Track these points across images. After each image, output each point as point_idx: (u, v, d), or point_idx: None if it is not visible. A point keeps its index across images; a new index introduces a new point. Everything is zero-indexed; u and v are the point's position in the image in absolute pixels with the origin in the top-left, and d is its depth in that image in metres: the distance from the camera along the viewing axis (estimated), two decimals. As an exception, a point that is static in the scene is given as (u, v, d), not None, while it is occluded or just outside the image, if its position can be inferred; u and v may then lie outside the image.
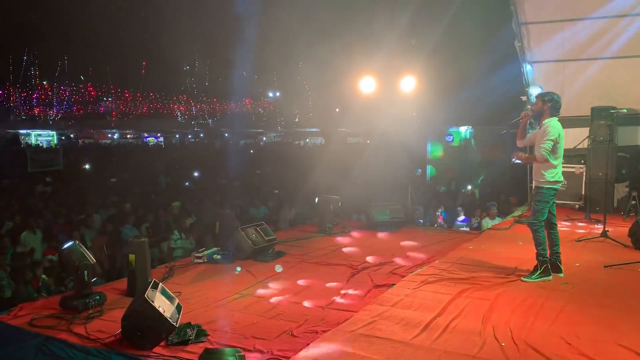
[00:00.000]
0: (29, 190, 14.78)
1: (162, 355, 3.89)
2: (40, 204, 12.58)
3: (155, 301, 4.10)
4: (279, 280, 5.92)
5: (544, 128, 5.53)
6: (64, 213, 11.43)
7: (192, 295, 5.32)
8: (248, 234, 6.94)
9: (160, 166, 20.23)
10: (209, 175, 19.03)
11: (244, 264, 6.59)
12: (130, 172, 19.72)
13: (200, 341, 4.11)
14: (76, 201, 12.71)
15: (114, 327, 4.33)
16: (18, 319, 4.70)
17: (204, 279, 6.04)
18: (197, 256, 6.74)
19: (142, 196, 13.99)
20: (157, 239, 9.78)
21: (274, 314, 4.81)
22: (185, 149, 40.08)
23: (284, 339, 4.21)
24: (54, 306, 4.93)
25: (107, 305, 4.99)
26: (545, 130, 5.51)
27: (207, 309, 4.96)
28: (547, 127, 5.51)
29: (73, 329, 4.41)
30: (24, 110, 70.27)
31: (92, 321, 4.60)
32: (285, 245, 7.61)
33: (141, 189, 15.46)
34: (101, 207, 11.98)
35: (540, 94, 5.98)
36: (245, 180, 17.63)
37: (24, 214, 10.80)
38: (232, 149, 38.00)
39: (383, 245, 7.70)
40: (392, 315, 4.56)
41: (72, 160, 23.34)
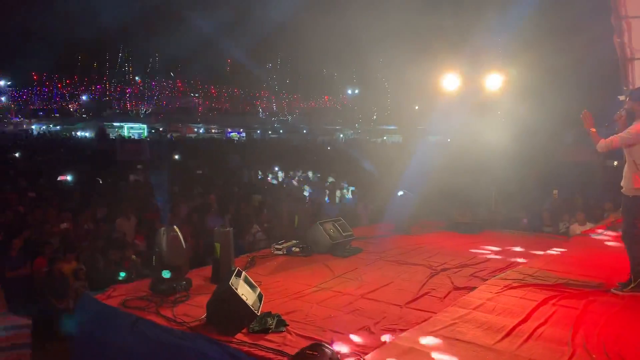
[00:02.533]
0: (122, 179, 15.76)
1: (244, 342, 4.01)
2: (132, 192, 13.37)
3: (239, 289, 4.24)
4: (357, 276, 5.92)
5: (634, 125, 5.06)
6: (153, 202, 12.07)
7: (272, 286, 5.45)
8: (326, 228, 7.01)
9: (243, 160, 20.85)
10: (288, 170, 19.41)
11: (322, 258, 6.67)
12: (214, 165, 20.49)
13: (280, 331, 4.20)
14: (165, 191, 13.36)
15: (199, 312, 4.52)
16: (112, 299, 5.02)
17: (283, 270, 6.17)
18: (277, 248, 6.90)
19: (224, 189, 14.48)
20: (238, 230, 10.10)
21: (351, 309, 4.83)
22: (266, 144, 41.04)
23: (362, 334, 4.20)
24: (144, 289, 5.23)
25: (193, 290, 5.22)
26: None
27: (287, 299, 5.06)
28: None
29: (161, 311, 4.64)
30: (118, 104, 74.99)
31: (179, 305, 4.82)
32: (362, 242, 7.61)
33: (224, 181, 16.02)
34: (187, 198, 12.52)
35: (631, 92, 5.51)
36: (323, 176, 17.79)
37: (117, 202, 11.52)
38: (310, 145, 38.47)
39: (464, 247, 7.49)
40: (473, 318, 4.43)
41: (161, 152, 24.56)
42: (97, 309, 4.87)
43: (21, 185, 14.03)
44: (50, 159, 22.25)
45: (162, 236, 5.06)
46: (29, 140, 38.79)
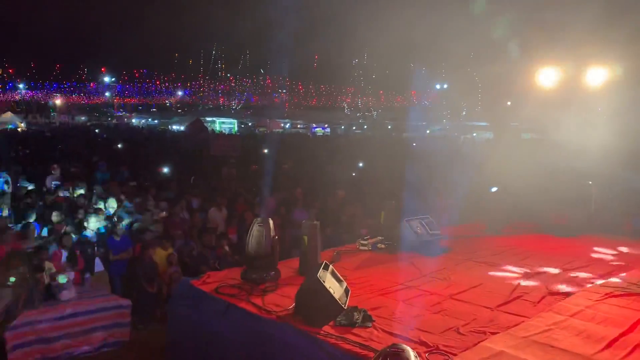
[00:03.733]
0: (215, 172, 16.47)
1: (330, 335, 4.07)
2: (225, 185, 13.94)
3: (327, 282, 4.31)
4: (445, 276, 5.80)
5: None
6: (243, 194, 12.50)
7: (357, 281, 5.47)
8: (413, 226, 6.92)
9: (327, 155, 21.04)
10: (372, 166, 19.31)
11: (408, 256, 6.59)
12: (300, 159, 20.84)
13: (367, 326, 4.21)
14: (254, 184, 13.79)
15: (287, 302, 4.65)
16: (206, 285, 5.28)
17: (368, 266, 6.18)
18: (362, 243, 6.92)
19: (310, 183, 14.69)
20: (323, 223, 10.22)
21: (439, 309, 4.75)
22: (350, 140, 41.15)
23: (450, 335, 4.12)
24: (235, 277, 5.45)
25: (281, 281, 5.37)
26: None
27: (372, 295, 5.07)
28: None
29: (252, 299, 4.82)
30: (211, 100, 78.31)
31: (268, 294, 4.98)
32: (450, 241, 7.42)
33: (309, 176, 16.25)
34: (275, 191, 12.84)
35: None
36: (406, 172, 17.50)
37: (211, 193, 12.06)
38: (395, 141, 38.06)
39: (560, 251, 7.10)
40: (570, 325, 4.21)
41: (251, 147, 25.34)
42: (193, 294, 5.14)
43: (124, 175, 15.06)
44: (149, 150, 23.67)
45: (256, 227, 5.24)
46: (134, 132, 41.58)
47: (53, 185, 12.85)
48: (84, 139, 31.84)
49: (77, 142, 27.81)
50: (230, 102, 76.50)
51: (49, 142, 28.42)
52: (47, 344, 7.02)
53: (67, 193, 11.84)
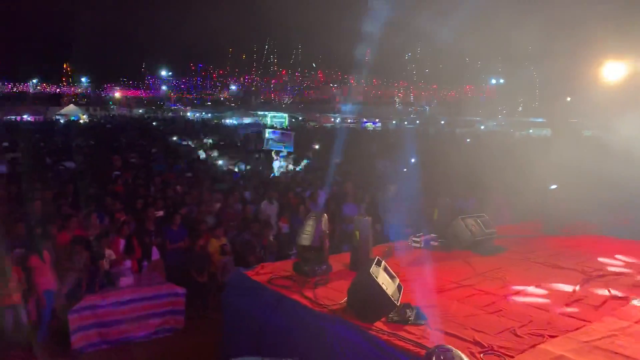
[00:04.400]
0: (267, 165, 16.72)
1: (382, 331, 4.04)
2: (276, 178, 14.10)
3: (379, 278, 4.27)
4: (500, 275, 5.65)
5: None
6: (294, 188, 12.61)
7: (409, 278, 5.40)
8: (468, 224, 6.77)
9: (378, 150, 20.90)
10: (423, 161, 19.04)
11: (461, 254, 6.47)
12: (350, 154, 20.79)
13: (419, 324, 4.16)
14: (305, 178, 13.90)
15: (339, 296, 4.65)
16: (260, 276, 5.36)
17: (421, 263, 6.09)
18: (414, 240, 6.83)
19: (360, 177, 14.64)
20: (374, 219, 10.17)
21: (494, 309, 4.63)
22: (401, 135, 40.70)
23: (506, 336, 4.01)
24: (288, 269, 5.50)
25: (332, 275, 5.38)
26: None
27: (425, 293, 4.99)
28: None
29: (304, 292, 4.85)
30: (263, 94, 79.38)
31: (320, 287, 5.00)
32: (506, 240, 7.22)
33: (360, 170, 16.21)
34: (325, 186, 12.87)
35: None
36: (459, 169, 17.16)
37: (262, 186, 12.23)
38: (447, 136, 37.37)
39: (624, 253, 6.75)
40: (637, 332, 4.01)
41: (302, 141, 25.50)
42: (246, 284, 5.23)
43: (180, 167, 15.50)
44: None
45: (309, 220, 5.27)
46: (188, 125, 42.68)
47: (114, 175, 13.37)
48: (141, 131, 32.96)
49: (135, 134, 28.82)
50: (281, 96, 77.26)
51: (110, 133, 29.59)
52: (105, 327, 7.33)
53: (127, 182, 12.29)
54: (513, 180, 12.32)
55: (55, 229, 8.14)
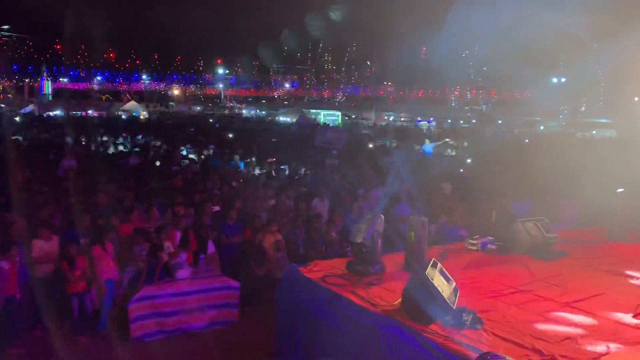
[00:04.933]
0: (319, 162, 16.78)
1: (437, 334, 3.98)
2: (327, 176, 14.14)
3: (435, 280, 4.21)
4: (561, 282, 5.44)
5: None
6: (347, 186, 12.60)
7: (466, 281, 5.28)
8: (528, 228, 6.55)
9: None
10: (482, 162, 18.61)
11: (520, 258, 6.27)
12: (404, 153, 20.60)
13: (476, 328, 4.07)
14: (357, 176, 13.85)
15: (392, 297, 4.61)
16: (313, 273, 5.38)
17: (477, 266, 5.95)
18: (471, 242, 6.68)
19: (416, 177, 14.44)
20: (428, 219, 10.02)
21: (554, 316, 4.46)
22: (457, 134, 39.89)
23: (567, 345, 3.86)
24: (341, 267, 5.51)
25: (386, 275, 5.34)
26: None
27: (482, 297, 4.88)
28: None
29: (357, 291, 4.84)
30: (317, 92, 79.76)
31: (373, 287, 4.97)
32: (567, 246, 6.93)
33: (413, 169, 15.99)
34: (379, 184, 12.80)
35: None
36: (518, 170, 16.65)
37: (313, 183, 12.29)
38: (504, 136, 36.33)
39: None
40: None
41: (354, 139, 25.50)
42: (300, 281, 5.27)
43: (236, 163, 15.82)
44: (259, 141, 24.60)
45: (365, 219, 5.26)
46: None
47: (173, 169, 13.81)
48: (199, 127, 33.85)
49: (193, 131, 29.63)
50: (334, 94, 77.41)
51: (170, 129, 30.55)
52: (163, 317, 7.57)
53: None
54: (576, 183, 11.85)
55: (118, 221, 8.48)
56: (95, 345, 7.33)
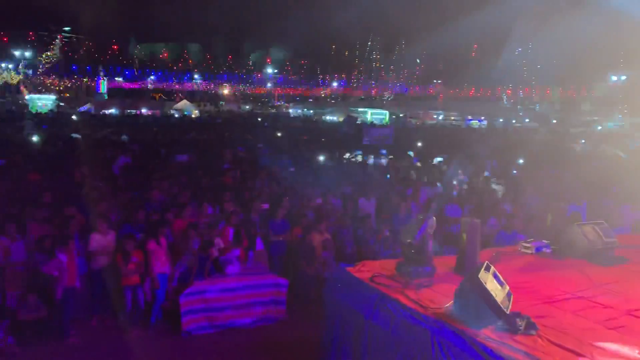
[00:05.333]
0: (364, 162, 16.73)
1: (489, 338, 3.87)
2: (374, 175, 14.08)
3: (488, 284, 4.10)
4: (621, 289, 5.19)
5: None
6: (394, 186, 12.50)
7: (519, 286, 5.12)
8: (585, 231, 6.28)
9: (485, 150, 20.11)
10: (534, 162, 18.04)
11: (576, 263, 6.02)
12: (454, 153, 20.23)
13: (530, 334, 3.94)
14: (404, 176, 13.74)
15: (443, 300, 4.51)
16: (361, 273, 5.35)
17: (532, 270, 5.76)
18: (525, 246, 6.48)
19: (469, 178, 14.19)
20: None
21: (615, 324, 4.25)
22: (510, 134, 38.88)
23: (630, 355, 3.68)
24: (390, 268, 5.44)
25: (436, 277, 5.24)
26: None
27: (536, 302, 4.71)
28: None
29: (407, 292, 4.78)
30: (364, 90, 79.47)
31: (423, 289, 4.89)
32: (629, 251, 6.60)
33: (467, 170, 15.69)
34: (426, 185, 12.65)
35: None
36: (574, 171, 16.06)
37: (358, 183, 12.26)
38: (557, 136, 35.16)
39: None
40: None
41: (401, 138, 25.24)
42: (348, 280, 5.25)
43: (284, 162, 15.95)
44: (306, 140, 24.76)
45: (415, 220, 5.19)
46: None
47: (224, 167, 14.09)
48: (248, 126, 34.39)
49: (243, 129, 30.13)
50: (382, 93, 76.91)
51: (220, 128, 31.17)
52: (212, 312, 7.74)
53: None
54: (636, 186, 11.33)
55: (171, 217, 8.72)
56: (148, 337, 7.57)
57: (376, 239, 8.82)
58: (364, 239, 8.87)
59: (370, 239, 8.83)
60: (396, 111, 63.78)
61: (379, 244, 8.70)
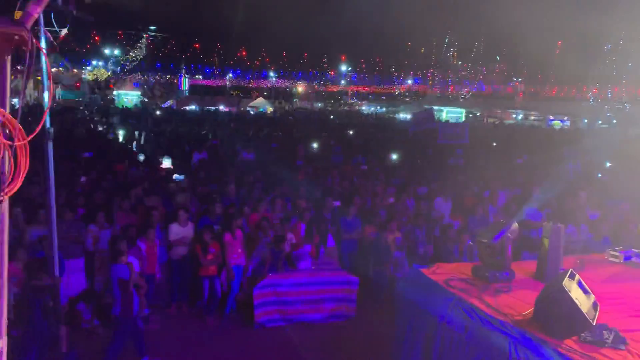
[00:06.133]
0: (442, 162, 16.36)
1: (573, 350, 3.68)
2: (451, 175, 13.73)
3: (572, 292, 3.89)
4: None
5: None
6: (471, 187, 12.13)
7: (606, 296, 4.81)
8: (682, 241, 5.83)
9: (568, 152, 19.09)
10: (622, 166, 16.90)
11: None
12: (535, 154, 19.37)
13: (619, 348, 3.70)
14: (482, 177, 13.28)
15: (522, 307, 4.34)
16: (436, 275, 5.24)
17: (620, 281, 5.40)
18: (613, 254, 6.08)
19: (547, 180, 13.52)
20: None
21: None
22: (595, 134, 36.66)
23: None
24: (465, 272, 5.29)
25: (515, 283, 5.04)
26: None
27: (625, 315, 4.42)
28: None
29: (484, 297, 4.63)
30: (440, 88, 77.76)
31: (500, 295, 4.72)
32: None
33: (546, 173, 14.97)
34: (506, 187, 12.18)
35: None
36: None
37: (440, 184, 11.99)
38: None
39: None
40: None
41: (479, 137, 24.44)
42: (422, 282, 5.16)
43: (357, 160, 15.94)
44: (380, 138, 24.57)
45: (492, 224, 5.02)
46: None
47: (297, 164, 14.27)
48: (321, 124, 34.63)
49: (315, 127, 30.37)
50: (459, 90, 74.91)
51: (293, 125, 31.60)
52: (284, 306, 7.86)
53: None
54: None
55: (247, 210, 8.95)
56: (222, 327, 7.82)
57: (459, 244, 8.55)
58: (442, 241, 8.66)
59: (448, 242, 8.61)
60: (473, 109, 61.92)
61: (460, 251, 8.43)
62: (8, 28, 1.97)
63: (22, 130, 2.12)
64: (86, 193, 9.46)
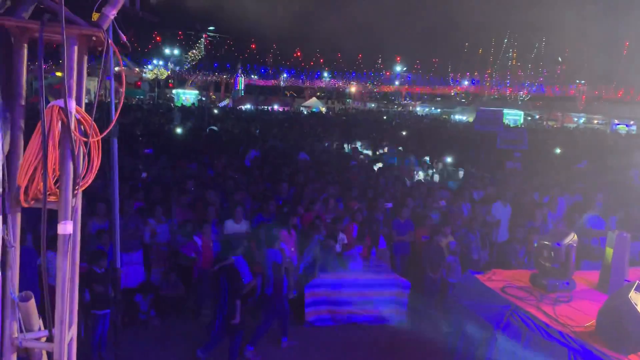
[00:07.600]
0: (499, 165, 15.94)
1: (639, 366, 3.52)
2: (509, 179, 13.36)
3: (639, 306, 3.71)
4: None
5: None
6: (530, 192, 11.76)
7: (676, 311, 4.58)
8: None
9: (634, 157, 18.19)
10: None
11: None
12: (597, 160, 18.58)
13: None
14: (541, 182, 12.86)
15: (583, 318, 4.18)
16: (492, 282, 5.12)
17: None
18: (683, 267, 5.75)
19: (612, 188, 12.93)
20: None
21: None
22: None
23: None
24: (523, 279, 5.15)
25: (575, 293, 4.85)
26: None
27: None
28: None
29: (542, 307, 4.48)
30: (498, 89, 75.66)
31: (561, 305, 4.56)
32: None
33: (611, 180, 14.32)
34: (566, 192, 11.74)
35: None
36: None
37: (495, 186, 11.68)
38: None
39: None
40: None
41: (538, 141, 23.67)
42: (477, 288, 5.06)
43: (409, 161, 15.77)
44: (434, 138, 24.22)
45: (555, 232, 4.85)
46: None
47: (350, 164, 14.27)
48: (374, 124, 34.48)
49: (368, 127, 30.28)
50: (517, 92, 72.64)
51: (346, 125, 31.63)
52: (334, 306, 7.88)
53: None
54: None
55: (301, 210, 9.03)
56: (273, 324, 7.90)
57: (526, 244, 8.28)
58: (501, 248, 8.42)
59: (514, 241, 8.36)
60: (532, 112, 60.00)
61: (528, 255, 8.17)
62: (87, 30, 2.08)
63: (96, 127, 2.22)
64: (146, 188, 9.80)
